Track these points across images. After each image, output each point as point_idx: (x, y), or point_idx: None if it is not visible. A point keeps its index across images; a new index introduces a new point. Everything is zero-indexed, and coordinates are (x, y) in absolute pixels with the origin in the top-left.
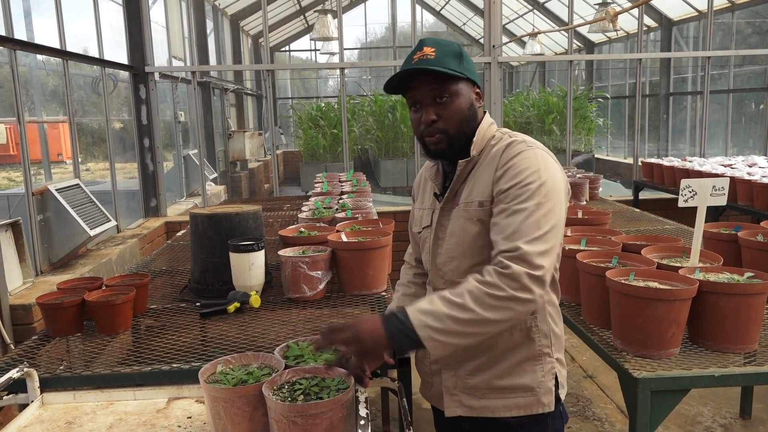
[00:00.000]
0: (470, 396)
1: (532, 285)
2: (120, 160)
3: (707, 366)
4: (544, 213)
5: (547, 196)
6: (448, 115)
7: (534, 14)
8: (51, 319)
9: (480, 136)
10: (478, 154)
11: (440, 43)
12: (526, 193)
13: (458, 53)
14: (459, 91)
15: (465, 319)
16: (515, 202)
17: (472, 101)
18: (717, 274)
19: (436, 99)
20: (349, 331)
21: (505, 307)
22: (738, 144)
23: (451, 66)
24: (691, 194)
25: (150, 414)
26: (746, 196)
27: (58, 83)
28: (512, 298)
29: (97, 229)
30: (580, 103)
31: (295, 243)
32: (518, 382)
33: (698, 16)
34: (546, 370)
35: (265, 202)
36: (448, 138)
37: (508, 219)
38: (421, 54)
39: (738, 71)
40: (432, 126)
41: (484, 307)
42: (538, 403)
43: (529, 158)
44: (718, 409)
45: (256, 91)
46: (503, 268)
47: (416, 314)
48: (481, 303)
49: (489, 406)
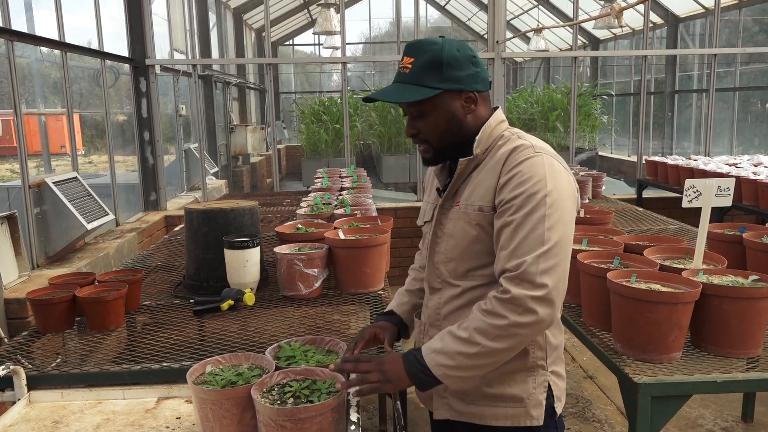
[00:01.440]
0: (459, 400)
1: (536, 306)
2: (123, 153)
3: (710, 371)
4: (549, 226)
5: (553, 207)
6: (426, 129)
7: (539, 10)
8: (41, 314)
9: (485, 134)
10: (482, 153)
11: (422, 50)
12: (529, 204)
13: (438, 62)
14: (435, 106)
15: (474, 353)
16: (519, 214)
17: (454, 111)
18: (721, 277)
19: (413, 114)
20: (375, 362)
21: (510, 334)
22: (744, 143)
23: (424, 81)
24: (695, 195)
25: (138, 414)
26: (751, 196)
27: (59, 75)
28: (515, 324)
29: (94, 222)
30: (584, 100)
31: (292, 240)
32: (507, 392)
33: (705, 13)
34: (538, 383)
35: (265, 197)
36: (433, 149)
37: (510, 234)
38: (401, 65)
39: (744, 69)
40: (415, 138)
41: (490, 338)
42: (526, 415)
43: (535, 165)
44: (720, 412)
45: (259, 85)
46: (503, 294)
47: (429, 354)
48: (486, 335)
49: (476, 412)
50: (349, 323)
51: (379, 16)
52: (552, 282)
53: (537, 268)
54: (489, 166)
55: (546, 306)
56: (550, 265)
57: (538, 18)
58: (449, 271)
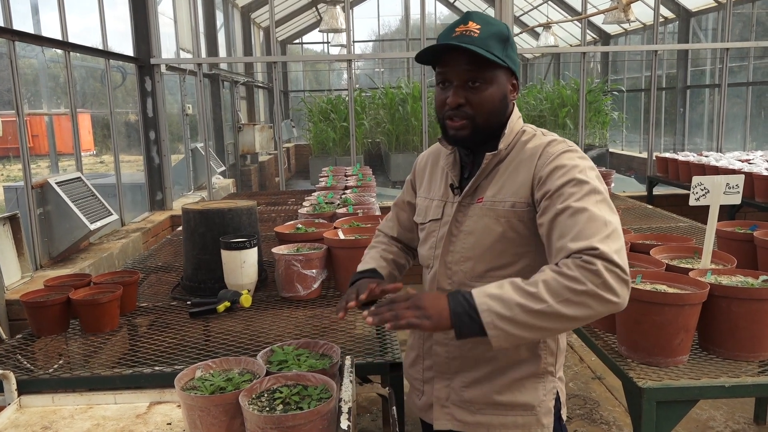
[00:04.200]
0: (464, 410)
1: (618, 286)
2: (133, 152)
3: (718, 375)
4: (608, 210)
5: (602, 194)
6: (479, 101)
7: (548, 5)
8: (35, 317)
9: (509, 129)
10: (505, 149)
11: (488, 21)
12: (582, 190)
13: (505, 37)
14: (495, 78)
15: (536, 310)
16: (573, 199)
17: (506, 93)
18: (730, 277)
19: (468, 82)
20: (412, 299)
21: (584, 303)
22: (757, 138)
23: (493, 50)
24: (703, 192)
25: (129, 419)
26: (764, 193)
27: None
28: (594, 294)
29: (97, 222)
30: (594, 96)
31: (291, 240)
32: (519, 400)
33: (717, 6)
34: (548, 389)
35: (271, 197)
36: (474, 126)
37: (570, 219)
38: (464, 28)
39: (758, 63)
40: (458, 109)
41: (560, 301)
42: (537, 424)
43: (575, 158)
44: (731, 414)
45: (268, 83)
46: (586, 263)
47: (482, 297)
48: (558, 296)
49: (484, 422)
50: (354, 323)
51: (388, 13)
52: (625, 263)
53: (612, 248)
54: (517, 161)
55: (626, 287)
56: (619, 246)
57: (547, 14)
58: (465, 271)
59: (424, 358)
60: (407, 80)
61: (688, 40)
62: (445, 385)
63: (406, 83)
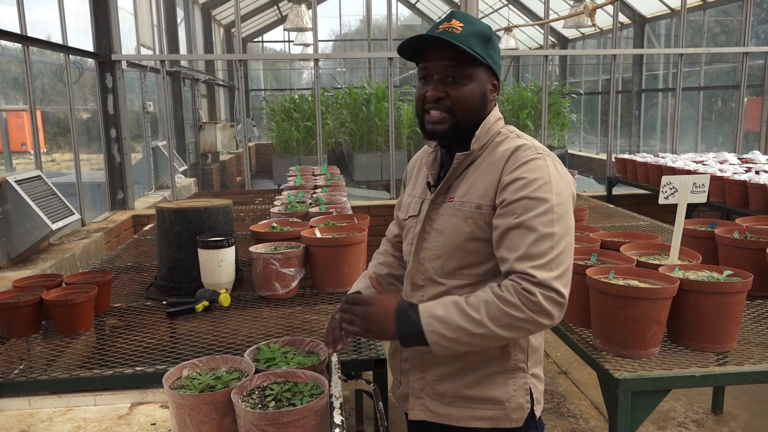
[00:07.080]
0: (436, 401)
1: (554, 310)
2: (87, 150)
3: (687, 366)
4: (558, 231)
5: (559, 212)
6: (458, 96)
7: (509, 9)
8: (5, 319)
9: (484, 130)
10: (479, 149)
11: (471, 21)
12: (537, 207)
13: (487, 36)
14: (476, 75)
15: (477, 334)
16: (526, 216)
17: (486, 91)
18: (696, 272)
19: (448, 77)
20: (362, 309)
21: (521, 327)
22: (707, 141)
23: (475, 47)
24: (671, 191)
25: (111, 420)
26: (718, 193)
27: (20, 71)
28: (530, 320)
29: (59, 222)
30: (553, 98)
31: (267, 239)
32: (488, 395)
33: (671, 13)
34: (518, 385)
35: (237, 196)
36: (453, 120)
37: (520, 238)
38: (447, 25)
39: (708, 69)
40: (437, 102)
41: (499, 326)
42: (506, 418)
43: (539, 168)
44: (691, 405)
45: (229, 81)
46: (525, 291)
47: (428, 318)
48: (497, 321)
49: (454, 414)
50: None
51: (350, 13)
52: (564, 287)
53: (550, 275)
54: (487, 163)
55: (560, 309)
56: (563, 270)
57: (508, 17)
58: (436, 268)
59: (402, 350)
60: (369, 80)
61: (643, 45)
62: (420, 377)
63: (369, 83)
